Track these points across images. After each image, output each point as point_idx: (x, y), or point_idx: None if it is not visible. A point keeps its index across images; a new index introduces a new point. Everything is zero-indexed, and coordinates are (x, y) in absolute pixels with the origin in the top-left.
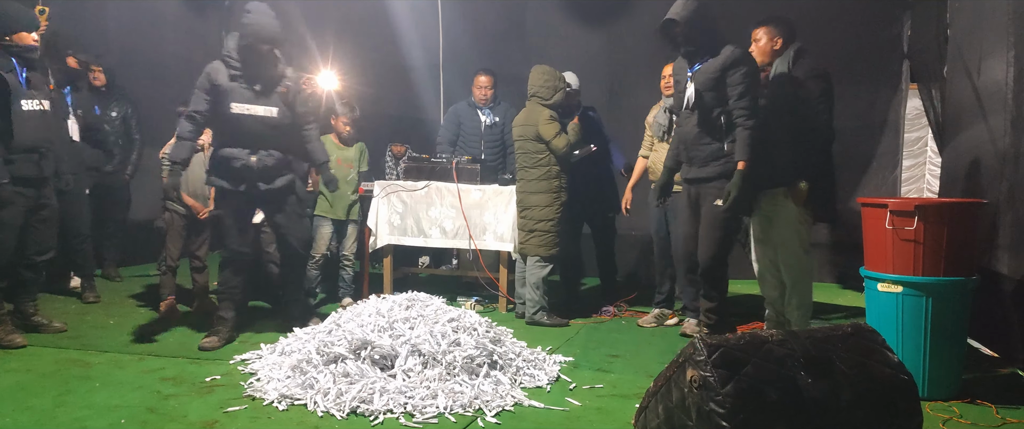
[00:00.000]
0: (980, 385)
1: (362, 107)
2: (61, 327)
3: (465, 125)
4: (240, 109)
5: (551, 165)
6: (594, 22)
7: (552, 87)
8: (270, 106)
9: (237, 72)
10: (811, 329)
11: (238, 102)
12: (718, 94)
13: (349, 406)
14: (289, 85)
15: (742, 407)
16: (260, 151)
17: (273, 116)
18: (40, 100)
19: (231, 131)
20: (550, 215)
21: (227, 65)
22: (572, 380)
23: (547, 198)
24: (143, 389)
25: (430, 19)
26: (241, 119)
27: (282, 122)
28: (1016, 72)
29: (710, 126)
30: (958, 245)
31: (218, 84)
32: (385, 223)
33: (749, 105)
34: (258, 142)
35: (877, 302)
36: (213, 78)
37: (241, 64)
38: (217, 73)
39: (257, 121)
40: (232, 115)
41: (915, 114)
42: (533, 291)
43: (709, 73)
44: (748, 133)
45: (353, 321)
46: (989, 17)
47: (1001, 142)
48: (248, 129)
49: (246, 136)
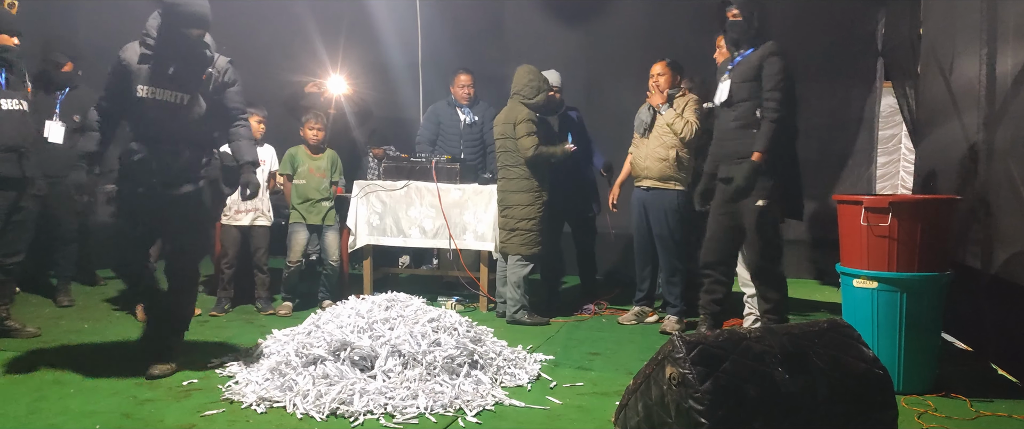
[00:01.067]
0: (954, 379)
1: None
2: (35, 332)
3: (445, 124)
4: (144, 92)
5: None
6: (573, 21)
7: (535, 87)
8: (181, 92)
9: (149, 52)
10: (788, 325)
11: (143, 84)
12: (755, 86)
13: (329, 408)
14: (212, 72)
15: (720, 403)
16: (165, 146)
17: (183, 104)
18: (19, 100)
19: (135, 119)
20: (531, 214)
21: (142, 44)
22: (553, 379)
23: (528, 197)
24: (119, 394)
25: (409, 18)
26: (145, 104)
27: (196, 112)
28: (988, 70)
29: (746, 122)
30: (932, 241)
31: (127, 64)
32: (364, 223)
33: (779, 98)
34: (165, 134)
35: (853, 298)
36: (123, 57)
37: (156, 43)
38: (128, 52)
39: (165, 108)
40: (136, 99)
41: (889, 111)
42: (514, 290)
43: (748, 65)
44: (772, 126)
45: (332, 322)
46: (962, 16)
47: (974, 139)
48: (154, 118)
49: (151, 126)
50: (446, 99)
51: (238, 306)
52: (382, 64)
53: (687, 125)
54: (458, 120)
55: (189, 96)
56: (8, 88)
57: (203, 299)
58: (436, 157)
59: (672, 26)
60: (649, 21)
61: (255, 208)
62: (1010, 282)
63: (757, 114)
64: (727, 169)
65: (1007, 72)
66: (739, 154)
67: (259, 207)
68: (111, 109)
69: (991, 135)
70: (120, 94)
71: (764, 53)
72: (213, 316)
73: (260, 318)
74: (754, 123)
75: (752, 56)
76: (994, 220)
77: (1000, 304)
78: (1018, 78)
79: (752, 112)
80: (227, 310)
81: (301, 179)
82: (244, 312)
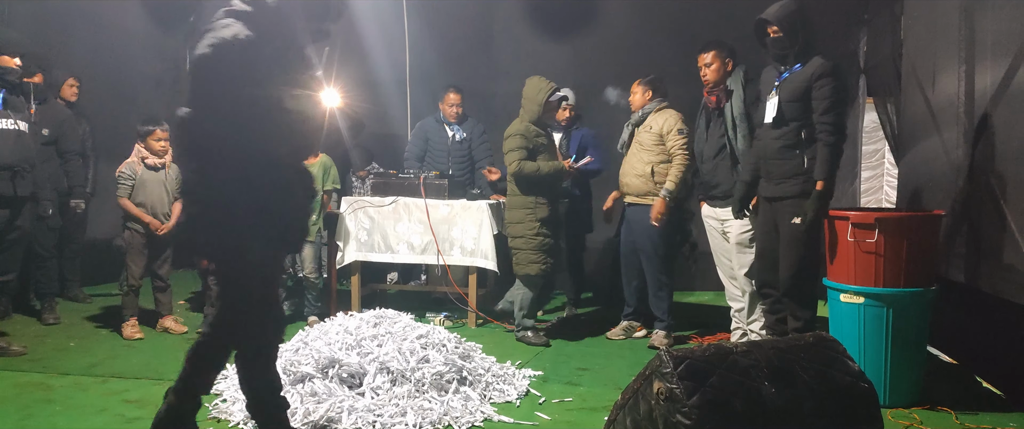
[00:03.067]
0: (940, 392)
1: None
2: (21, 350)
3: (432, 140)
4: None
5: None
6: (561, 38)
7: (530, 100)
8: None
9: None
10: (773, 339)
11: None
12: (803, 106)
13: (317, 426)
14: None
15: (708, 418)
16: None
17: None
18: (16, 120)
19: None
20: (523, 232)
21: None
22: (541, 394)
23: (520, 214)
24: (106, 412)
25: (396, 35)
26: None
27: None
28: (967, 87)
29: (791, 141)
30: (917, 256)
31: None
32: (352, 239)
33: (834, 120)
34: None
35: (840, 312)
36: None
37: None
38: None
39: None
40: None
41: (872, 127)
42: (517, 311)
43: (796, 83)
44: (830, 150)
45: (320, 339)
46: (941, 34)
47: (954, 154)
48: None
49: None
50: (434, 115)
51: None
52: (370, 81)
53: (676, 165)
54: (446, 136)
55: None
56: (6, 108)
57: (190, 316)
58: (424, 173)
59: (658, 43)
60: (635, 38)
61: None
62: (994, 296)
63: (802, 135)
64: (768, 188)
65: (986, 88)
66: (783, 175)
67: None
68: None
69: (971, 150)
70: None
71: (813, 72)
72: (201, 333)
73: None
74: (797, 144)
75: (799, 73)
76: (977, 234)
77: (984, 318)
78: (996, 94)
79: (797, 133)
80: None
81: None
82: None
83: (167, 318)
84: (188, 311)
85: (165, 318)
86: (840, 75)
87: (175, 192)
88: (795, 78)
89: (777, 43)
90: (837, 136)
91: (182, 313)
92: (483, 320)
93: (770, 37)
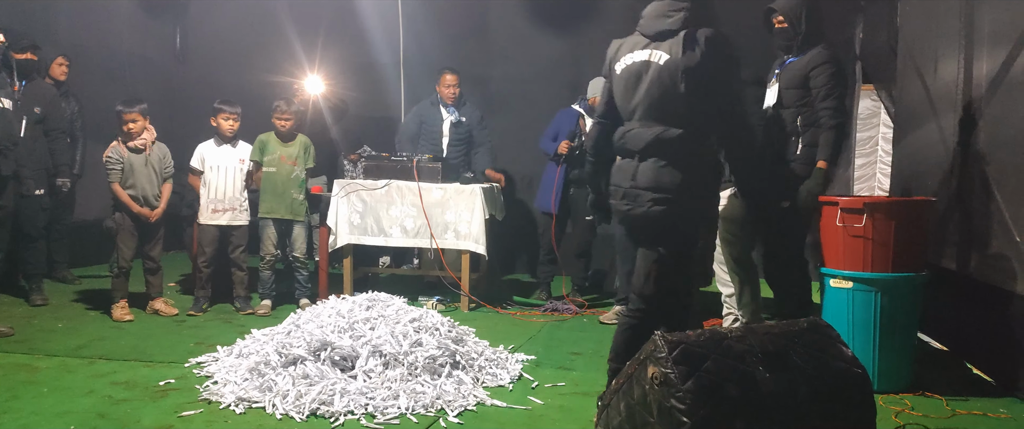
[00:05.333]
0: (931, 378)
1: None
2: (7, 331)
3: (427, 123)
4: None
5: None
6: (557, 23)
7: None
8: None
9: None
10: (768, 324)
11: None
12: (800, 93)
13: (309, 408)
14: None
15: (702, 403)
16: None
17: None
18: (1, 98)
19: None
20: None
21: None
22: (534, 379)
23: None
24: (94, 394)
25: (391, 17)
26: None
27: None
28: (966, 75)
29: (788, 126)
30: (907, 242)
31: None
32: (345, 223)
33: (835, 105)
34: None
35: (831, 298)
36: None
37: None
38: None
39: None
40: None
41: (867, 114)
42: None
43: (795, 70)
44: (833, 134)
45: (313, 322)
46: (940, 21)
47: (950, 142)
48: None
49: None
50: (430, 98)
51: (216, 305)
52: (364, 63)
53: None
54: (441, 119)
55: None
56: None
57: (181, 298)
58: (418, 156)
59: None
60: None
61: (233, 207)
62: (985, 283)
63: (798, 122)
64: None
65: (983, 76)
66: (781, 159)
67: (236, 206)
68: None
69: (966, 138)
70: None
71: (811, 61)
72: (190, 315)
73: (238, 317)
74: (794, 131)
75: (798, 62)
76: (970, 222)
77: (976, 305)
78: (994, 82)
79: (793, 120)
80: (205, 309)
81: (271, 167)
82: (222, 311)
83: (157, 300)
84: (178, 293)
85: (155, 300)
86: (838, 61)
87: (162, 173)
88: (794, 66)
89: (782, 32)
90: (839, 118)
91: (172, 295)
92: (476, 304)
93: (776, 27)
